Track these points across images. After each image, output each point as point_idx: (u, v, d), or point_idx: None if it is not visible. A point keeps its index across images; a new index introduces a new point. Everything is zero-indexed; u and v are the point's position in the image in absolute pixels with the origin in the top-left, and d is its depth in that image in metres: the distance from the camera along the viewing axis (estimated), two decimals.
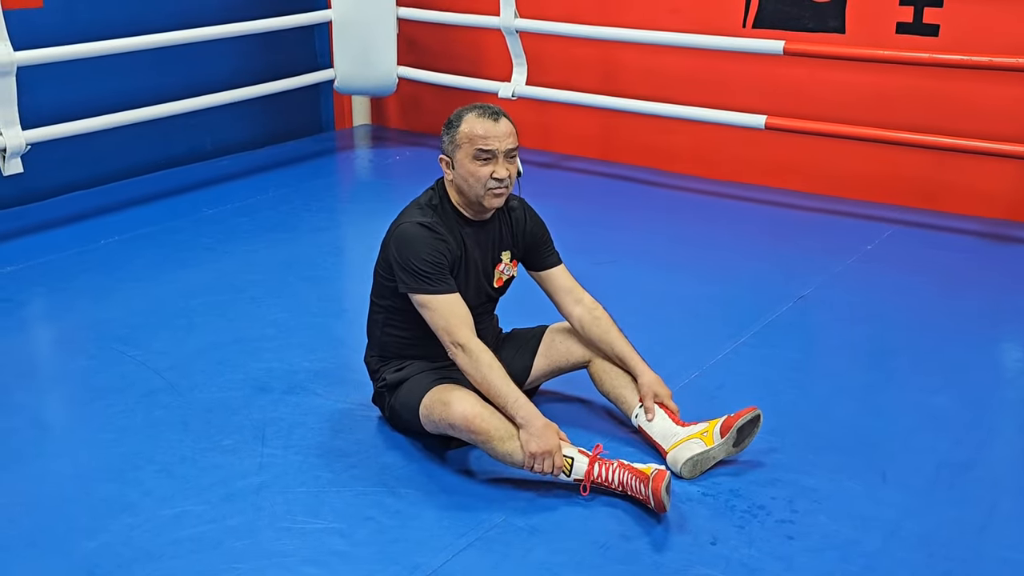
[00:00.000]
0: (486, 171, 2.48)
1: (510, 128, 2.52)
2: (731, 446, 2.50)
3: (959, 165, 4.53)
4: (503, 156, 2.49)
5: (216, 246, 4.20)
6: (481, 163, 2.48)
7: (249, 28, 5.10)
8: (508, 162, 2.51)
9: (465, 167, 2.50)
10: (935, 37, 4.44)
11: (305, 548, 2.23)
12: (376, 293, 2.67)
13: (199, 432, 2.71)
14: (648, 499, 2.31)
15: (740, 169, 5.08)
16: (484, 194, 2.51)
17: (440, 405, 2.44)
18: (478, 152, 2.48)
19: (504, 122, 2.52)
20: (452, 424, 2.41)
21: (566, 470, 2.38)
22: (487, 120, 2.50)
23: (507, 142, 2.50)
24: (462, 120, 2.52)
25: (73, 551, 2.23)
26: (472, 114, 2.52)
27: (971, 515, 2.37)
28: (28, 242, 4.23)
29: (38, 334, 3.56)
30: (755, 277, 3.86)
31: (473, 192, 2.51)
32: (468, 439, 2.42)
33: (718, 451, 2.48)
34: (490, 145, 2.48)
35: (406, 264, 2.48)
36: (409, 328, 2.60)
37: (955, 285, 3.82)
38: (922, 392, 2.96)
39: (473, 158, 2.48)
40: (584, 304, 2.72)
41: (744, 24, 4.86)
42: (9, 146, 4.11)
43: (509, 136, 2.51)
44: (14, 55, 4.05)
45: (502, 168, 2.49)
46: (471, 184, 2.50)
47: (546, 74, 5.34)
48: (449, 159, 2.54)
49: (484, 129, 2.48)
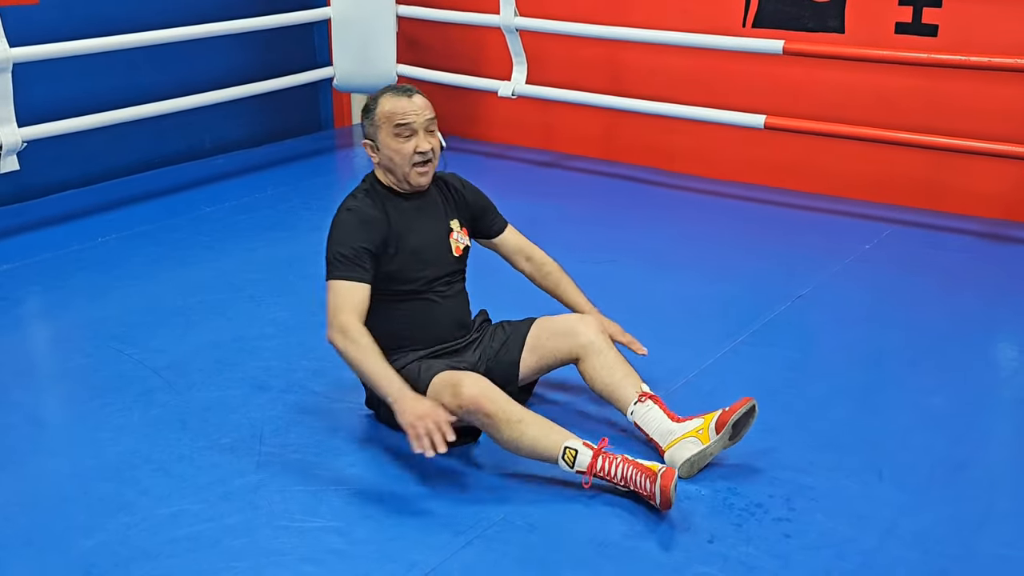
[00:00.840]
0: (409, 146, 2.58)
1: (425, 102, 2.63)
2: (727, 440, 2.50)
3: (958, 165, 4.54)
4: (423, 130, 2.59)
5: (214, 244, 4.19)
6: (403, 139, 2.58)
7: (248, 25, 5.10)
8: (429, 135, 2.61)
9: (389, 146, 2.60)
10: (934, 37, 4.45)
11: (303, 546, 2.23)
12: None
13: (197, 431, 2.71)
14: (653, 495, 2.30)
15: (739, 169, 5.08)
16: (410, 171, 2.60)
17: (449, 388, 2.44)
18: (398, 128, 2.58)
19: (418, 97, 2.62)
20: (461, 405, 2.40)
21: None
22: (402, 97, 2.61)
23: (425, 114, 2.60)
24: (378, 102, 2.62)
25: (70, 550, 2.23)
26: (387, 95, 2.63)
27: (967, 513, 2.38)
28: (25, 240, 4.22)
29: (35, 332, 3.56)
30: (754, 276, 3.86)
31: (400, 170, 2.61)
32: (476, 421, 2.42)
33: (715, 447, 2.48)
34: (408, 119, 2.58)
35: (326, 253, 2.57)
36: (388, 319, 2.62)
37: (953, 285, 3.83)
38: (919, 391, 2.97)
39: (395, 135, 2.58)
40: (534, 260, 2.90)
41: (744, 24, 4.86)
42: (5, 143, 4.10)
43: (425, 109, 2.61)
44: (10, 51, 4.05)
45: (424, 141, 2.59)
46: (397, 162, 2.60)
47: (547, 73, 5.34)
48: (372, 142, 2.64)
49: (400, 106, 2.59)
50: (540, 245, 4.46)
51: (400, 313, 2.63)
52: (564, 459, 2.38)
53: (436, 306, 2.68)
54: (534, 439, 2.39)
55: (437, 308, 2.68)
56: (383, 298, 2.60)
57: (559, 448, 2.38)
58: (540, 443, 2.39)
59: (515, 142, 5.75)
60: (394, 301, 2.63)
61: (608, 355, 2.64)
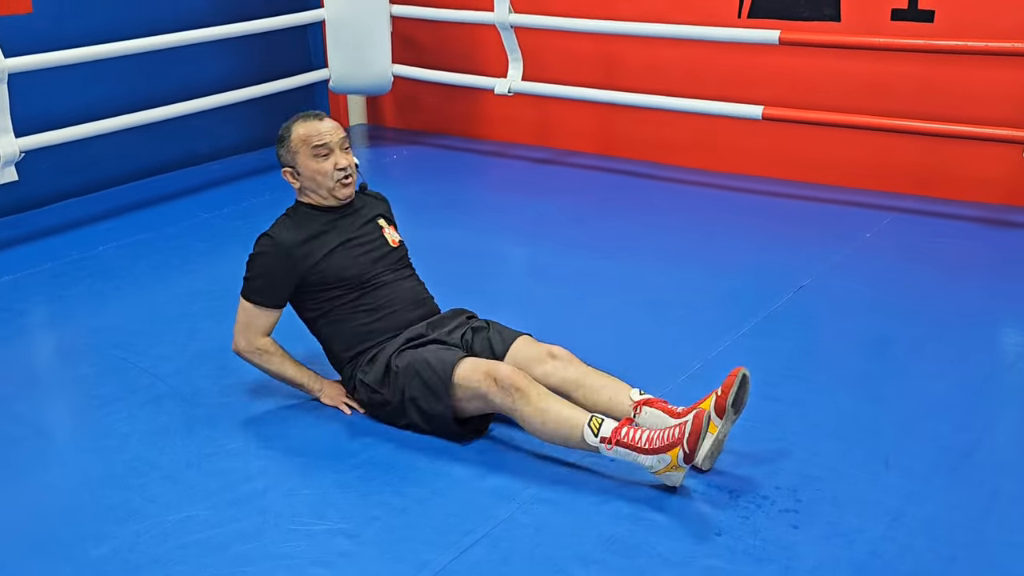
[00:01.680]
0: (329, 164, 2.76)
1: (335, 124, 2.82)
2: (733, 417, 2.48)
3: (957, 151, 4.53)
4: (338, 148, 2.77)
5: (213, 250, 4.20)
6: (322, 159, 2.76)
7: (242, 29, 5.09)
8: (344, 153, 2.79)
9: (309, 167, 2.76)
10: (930, 23, 4.44)
11: (312, 549, 2.23)
12: (301, 310, 2.85)
13: (203, 437, 2.71)
14: (683, 431, 2.29)
15: (738, 160, 5.08)
16: (334, 185, 2.78)
17: (482, 371, 2.51)
18: (316, 149, 2.75)
19: (327, 120, 2.82)
20: (497, 380, 2.47)
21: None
22: (314, 121, 2.80)
23: (337, 135, 2.79)
24: (291, 130, 2.79)
25: (81, 558, 2.23)
26: (298, 122, 2.80)
27: (974, 500, 2.38)
28: (25, 251, 4.23)
29: (39, 343, 3.56)
30: (755, 268, 3.86)
31: (324, 187, 2.78)
32: (505, 399, 2.46)
33: (724, 431, 2.47)
34: (324, 139, 2.76)
35: (245, 271, 2.78)
36: (348, 321, 2.75)
37: (954, 271, 3.83)
38: (923, 378, 2.97)
39: (314, 156, 2.75)
40: None
41: (739, 15, 4.86)
42: (3, 154, 4.10)
43: (337, 129, 2.80)
44: (5, 62, 4.05)
45: (342, 158, 2.77)
46: (320, 181, 2.77)
47: (543, 69, 5.33)
48: (292, 168, 2.80)
49: (315, 128, 2.77)
50: (541, 242, 4.48)
51: (357, 310, 2.75)
52: (590, 425, 2.39)
53: (386, 288, 2.79)
54: (559, 411, 2.45)
55: (387, 291, 2.79)
56: (335, 304, 2.76)
57: (586, 417, 2.42)
58: (564, 413, 2.45)
59: (512, 139, 5.75)
60: (346, 302, 2.75)
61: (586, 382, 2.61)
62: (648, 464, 2.35)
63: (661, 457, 2.33)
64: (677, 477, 2.37)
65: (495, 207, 4.79)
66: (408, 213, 4.89)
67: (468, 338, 2.76)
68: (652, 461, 2.35)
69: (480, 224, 4.50)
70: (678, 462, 2.32)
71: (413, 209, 4.85)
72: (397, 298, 2.80)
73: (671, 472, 2.35)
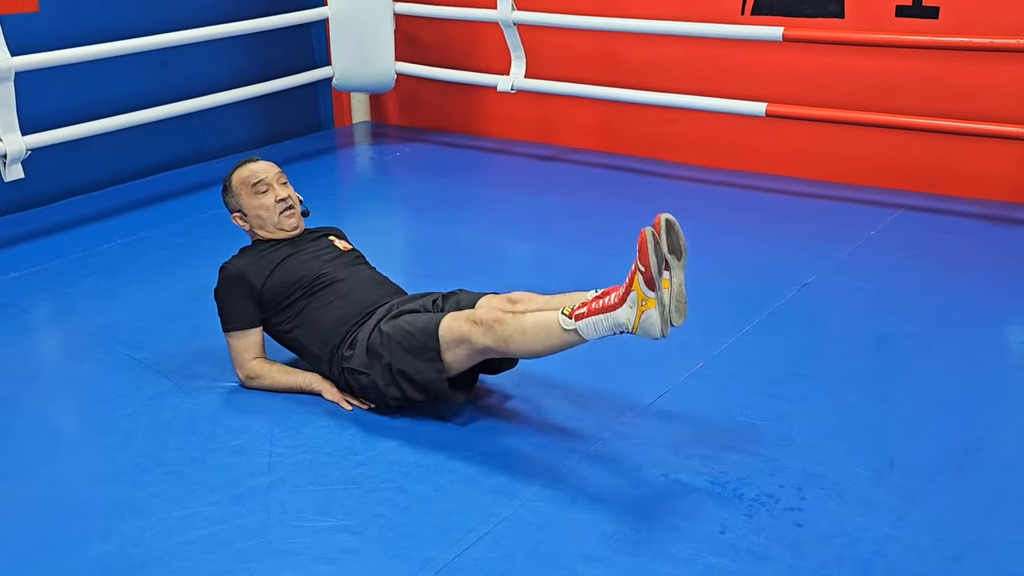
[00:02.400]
0: (269, 199, 2.97)
1: (269, 163, 3.04)
2: (680, 263, 2.40)
3: (962, 148, 4.52)
4: (275, 182, 2.99)
5: (219, 247, 4.19)
6: (262, 195, 2.97)
7: (245, 27, 5.09)
8: (282, 186, 3.00)
9: (252, 206, 2.98)
10: (935, 20, 4.43)
11: (316, 546, 2.24)
12: (275, 331, 2.96)
13: (207, 433, 2.72)
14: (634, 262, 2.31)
15: (742, 157, 5.07)
16: (278, 219, 2.99)
17: (461, 318, 2.57)
18: (255, 187, 2.97)
19: (261, 161, 3.04)
20: (476, 319, 2.53)
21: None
22: (247, 164, 3.03)
23: (272, 171, 3.01)
24: (231, 178, 3.02)
25: (86, 553, 2.24)
26: (235, 170, 3.03)
27: (979, 499, 2.38)
28: (31, 247, 4.24)
29: (43, 339, 3.57)
30: (759, 265, 3.86)
31: (270, 220, 2.99)
32: (488, 334, 2.51)
33: (678, 279, 2.38)
34: (259, 176, 2.98)
35: (217, 308, 2.94)
36: (316, 319, 2.84)
37: (960, 269, 3.82)
38: (928, 377, 2.96)
39: (254, 194, 2.97)
40: None
41: (743, 11, 4.85)
42: (9, 152, 4.11)
43: (271, 167, 3.02)
44: (11, 60, 4.06)
45: (280, 191, 2.99)
46: (264, 216, 2.98)
47: (545, 67, 5.33)
48: (239, 211, 3.01)
49: (249, 169, 3.01)
50: (544, 239, 4.48)
51: (322, 306, 2.85)
52: (563, 312, 2.43)
53: (343, 280, 2.89)
54: (534, 317, 2.50)
55: (346, 281, 2.89)
56: (300, 308, 2.87)
57: (558, 310, 2.46)
58: (539, 317, 2.49)
59: (515, 136, 5.75)
60: (309, 303, 2.86)
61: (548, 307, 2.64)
62: (624, 318, 2.34)
63: (630, 299, 2.32)
64: (654, 319, 2.30)
65: (497, 204, 4.79)
66: (410, 210, 4.91)
67: (440, 303, 2.84)
68: (625, 312, 2.33)
69: (482, 221, 4.50)
70: (644, 292, 2.30)
71: (415, 206, 4.86)
72: (357, 284, 2.90)
73: (646, 313, 2.30)
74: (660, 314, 2.33)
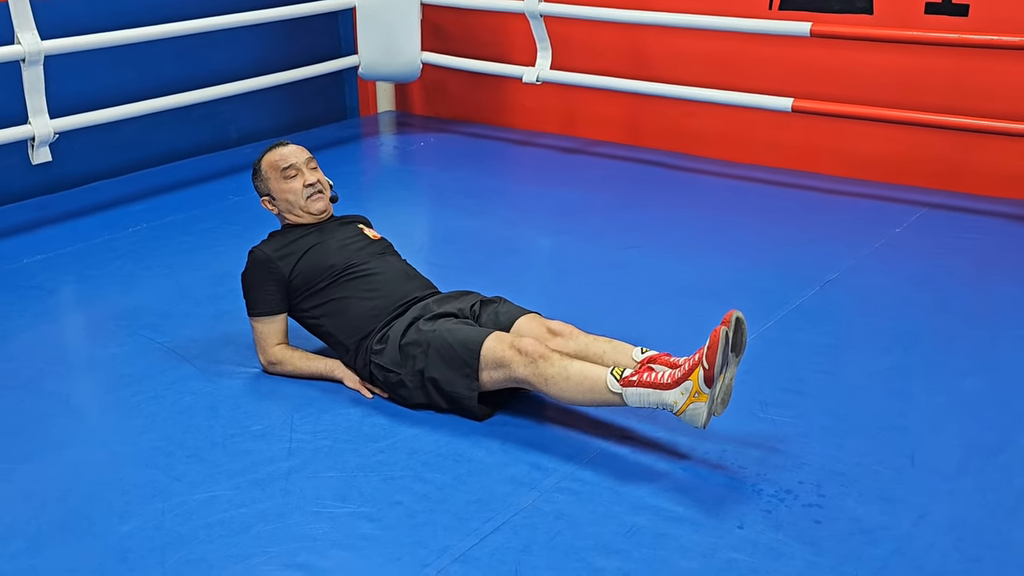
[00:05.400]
0: (297, 183, 2.95)
1: (298, 146, 3.01)
2: (735, 363, 2.41)
3: (989, 146, 4.47)
4: (304, 167, 2.96)
5: (243, 233, 4.21)
6: (291, 179, 2.95)
7: (273, 15, 5.12)
8: (312, 171, 2.98)
9: (280, 190, 2.96)
10: (964, 17, 4.38)
11: (334, 532, 2.25)
12: (304, 321, 2.95)
13: (229, 418, 2.74)
14: (701, 353, 2.32)
15: (767, 152, 5.04)
16: (305, 203, 2.96)
17: (507, 344, 2.56)
18: (284, 171, 2.95)
19: (290, 145, 3.01)
20: (521, 350, 2.53)
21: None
22: (277, 148, 3.00)
23: (302, 155, 2.99)
24: (260, 162, 3.00)
25: (107, 535, 2.26)
26: (265, 154, 3.00)
27: (1001, 499, 2.36)
28: (57, 230, 4.28)
29: (68, 322, 3.60)
30: (782, 261, 3.84)
31: (298, 204, 2.96)
32: (529, 367, 2.51)
33: (730, 373, 2.39)
34: (288, 161, 2.95)
35: (242, 291, 2.94)
36: (346, 310, 2.82)
37: (985, 267, 3.78)
38: (951, 375, 2.94)
39: (283, 178, 2.95)
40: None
41: (771, 6, 4.81)
42: (38, 135, 4.15)
43: (301, 151, 3.00)
44: (42, 44, 4.09)
45: (309, 175, 2.96)
46: (292, 200, 2.96)
47: (571, 58, 5.31)
48: (268, 195, 3.00)
49: (279, 153, 2.98)
50: (567, 232, 4.47)
51: (352, 296, 2.84)
52: (612, 373, 2.42)
53: (373, 270, 2.88)
54: (580, 368, 2.49)
55: (376, 272, 2.88)
56: (329, 296, 2.85)
57: (607, 368, 2.46)
58: (586, 369, 2.48)
59: (539, 128, 5.74)
60: (339, 292, 2.85)
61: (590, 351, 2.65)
62: (672, 400, 2.34)
63: (684, 386, 2.32)
64: (701, 410, 2.32)
65: (521, 195, 4.79)
66: (434, 200, 4.92)
67: (476, 310, 2.82)
68: (675, 395, 2.34)
69: (505, 212, 4.50)
70: (700, 386, 2.31)
71: (439, 196, 4.86)
72: (388, 275, 2.89)
73: (694, 404, 2.32)
74: (708, 407, 2.34)
